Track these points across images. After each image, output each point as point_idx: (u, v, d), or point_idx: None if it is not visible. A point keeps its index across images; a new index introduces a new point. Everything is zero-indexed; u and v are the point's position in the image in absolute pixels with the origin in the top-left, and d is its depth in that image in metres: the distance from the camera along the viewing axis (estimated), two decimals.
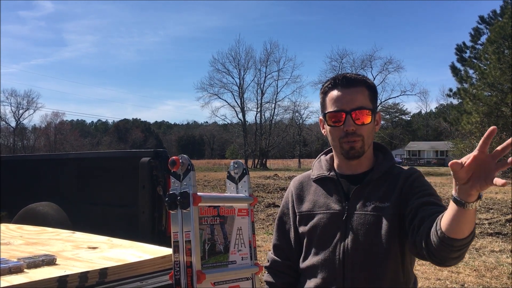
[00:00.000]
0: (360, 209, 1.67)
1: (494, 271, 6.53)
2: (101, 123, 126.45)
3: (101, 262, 2.14)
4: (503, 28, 28.10)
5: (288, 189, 1.91)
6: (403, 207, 1.63)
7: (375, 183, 1.71)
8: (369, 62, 63.88)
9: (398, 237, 1.66)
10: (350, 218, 1.68)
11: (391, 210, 1.65)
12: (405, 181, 1.69)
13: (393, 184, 1.70)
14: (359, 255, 1.64)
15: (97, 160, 4.46)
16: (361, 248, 1.64)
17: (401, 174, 1.73)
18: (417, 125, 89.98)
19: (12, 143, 74.68)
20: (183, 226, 1.54)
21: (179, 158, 1.57)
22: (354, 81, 1.71)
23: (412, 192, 1.65)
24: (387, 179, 1.73)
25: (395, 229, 1.65)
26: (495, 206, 14.02)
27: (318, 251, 1.72)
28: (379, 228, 1.64)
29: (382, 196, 1.68)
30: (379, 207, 1.66)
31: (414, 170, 1.75)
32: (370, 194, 1.69)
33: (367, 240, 1.64)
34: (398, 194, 1.67)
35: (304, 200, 1.81)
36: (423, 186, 1.67)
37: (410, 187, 1.67)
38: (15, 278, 1.84)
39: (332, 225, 1.70)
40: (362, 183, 1.71)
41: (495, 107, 29.15)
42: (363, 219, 1.66)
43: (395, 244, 1.65)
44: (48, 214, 3.95)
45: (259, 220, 11.61)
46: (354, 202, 1.69)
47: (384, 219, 1.64)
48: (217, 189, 21.60)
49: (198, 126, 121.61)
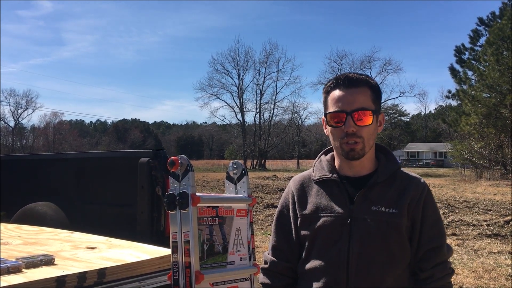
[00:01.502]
0: (366, 213, 1.66)
1: (493, 273, 6.53)
2: (100, 123, 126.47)
3: (99, 262, 2.14)
4: (502, 30, 28.14)
5: (288, 189, 1.88)
6: (410, 224, 1.67)
7: (380, 186, 1.70)
8: (368, 63, 63.84)
9: (404, 244, 1.66)
10: (355, 221, 1.66)
11: (399, 218, 1.64)
12: (416, 196, 1.69)
13: (401, 191, 1.69)
14: (364, 259, 1.62)
15: (96, 160, 4.45)
16: (366, 252, 1.63)
17: (410, 183, 1.72)
18: (416, 126, 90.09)
19: (11, 142, 74.59)
20: (182, 227, 1.53)
21: (178, 159, 1.57)
22: (356, 81, 1.69)
23: (423, 222, 1.68)
24: (392, 183, 1.71)
25: (401, 237, 1.65)
26: (494, 208, 14.04)
27: (321, 254, 1.70)
28: (385, 233, 1.63)
29: (389, 201, 1.67)
30: (386, 212, 1.65)
31: (424, 184, 1.74)
32: (375, 198, 1.68)
33: (373, 245, 1.63)
34: (407, 204, 1.66)
35: (305, 201, 1.78)
36: (434, 215, 1.71)
37: (423, 211, 1.69)
38: (14, 278, 1.84)
39: (337, 228, 1.68)
40: (367, 186, 1.69)
41: (494, 108, 29.17)
42: (369, 224, 1.64)
43: (400, 250, 1.65)
44: (46, 214, 3.94)
45: (258, 221, 11.61)
46: (359, 206, 1.67)
47: (390, 225, 1.63)
48: (216, 189, 21.59)
49: (197, 127, 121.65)
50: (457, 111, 33.88)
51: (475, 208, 14.15)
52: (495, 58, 28.05)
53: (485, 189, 22.43)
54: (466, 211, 13.48)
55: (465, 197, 18.04)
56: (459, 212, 13.12)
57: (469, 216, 12.33)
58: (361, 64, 63.55)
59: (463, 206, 14.71)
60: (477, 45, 34.52)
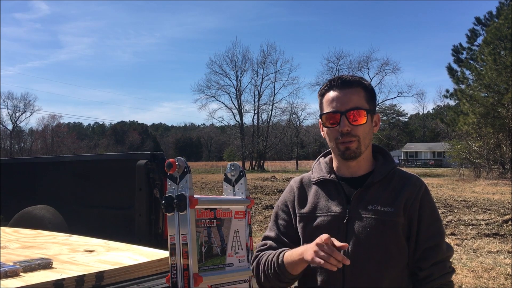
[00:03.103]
0: (362, 212, 1.66)
1: (492, 272, 6.54)
2: (98, 125, 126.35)
3: (97, 265, 2.13)
4: (499, 30, 28.22)
5: (289, 188, 1.88)
6: (407, 223, 1.66)
7: (376, 186, 1.71)
8: (366, 63, 63.80)
9: (401, 243, 1.66)
10: (351, 221, 1.66)
11: (395, 217, 1.64)
12: (412, 194, 1.69)
13: (397, 189, 1.70)
14: (360, 258, 1.63)
15: (94, 163, 4.45)
16: (362, 251, 1.63)
17: (406, 181, 1.72)
18: (414, 126, 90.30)
19: (9, 146, 74.52)
20: (180, 229, 1.53)
21: (176, 161, 1.56)
22: (350, 82, 1.71)
23: (420, 220, 1.67)
24: (389, 182, 1.72)
25: (398, 236, 1.65)
26: (492, 207, 14.07)
27: None
28: (381, 232, 1.63)
29: (385, 200, 1.67)
30: (382, 211, 1.65)
31: (420, 182, 1.74)
32: (372, 197, 1.68)
33: (369, 244, 1.63)
34: (403, 203, 1.67)
35: (305, 202, 1.79)
36: (431, 214, 1.70)
37: (420, 210, 1.68)
38: (11, 282, 1.83)
39: (333, 228, 1.68)
40: (363, 186, 1.70)
41: (491, 108, 29.25)
42: (365, 223, 1.65)
43: (397, 249, 1.65)
44: (44, 217, 3.93)
45: (256, 222, 11.60)
46: (356, 205, 1.68)
47: (387, 224, 1.64)
48: (215, 191, 21.60)
49: (195, 128, 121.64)
50: (455, 111, 33.93)
51: (474, 207, 14.18)
52: (493, 57, 28.12)
53: (484, 188, 22.48)
54: (465, 210, 13.51)
55: (464, 196, 18.08)
56: (458, 212, 13.14)
57: (468, 215, 12.35)
58: (359, 64, 63.64)
59: (462, 205, 14.74)
60: (475, 45, 34.61)
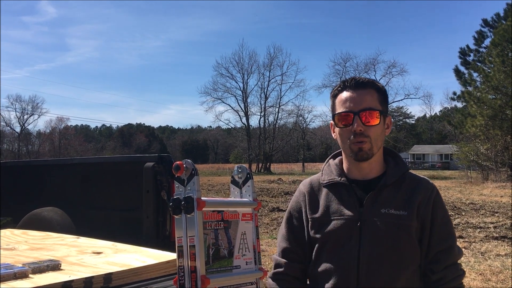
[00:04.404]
0: (375, 215, 1.66)
1: (500, 275, 6.49)
2: (105, 128, 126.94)
3: (105, 267, 2.14)
4: (507, 31, 28.03)
5: (299, 192, 1.87)
6: (420, 226, 1.67)
7: (389, 189, 1.70)
8: (372, 65, 63.54)
9: (414, 246, 1.66)
10: (365, 224, 1.66)
11: (408, 220, 1.65)
12: (425, 197, 1.69)
13: (410, 193, 1.70)
14: (374, 261, 1.63)
15: (101, 165, 4.47)
16: (376, 254, 1.63)
17: (418, 184, 1.73)
18: (421, 129, 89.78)
19: (17, 148, 75.03)
20: (187, 231, 1.53)
21: (183, 163, 1.57)
22: (363, 83, 1.72)
23: (433, 223, 1.68)
24: (401, 185, 1.72)
25: (411, 238, 1.65)
26: (501, 210, 13.96)
27: (332, 257, 1.70)
28: (395, 235, 1.64)
29: (398, 203, 1.67)
30: (396, 214, 1.65)
31: (432, 185, 1.75)
32: (385, 200, 1.68)
33: (383, 247, 1.63)
34: (416, 206, 1.67)
35: (316, 205, 1.78)
36: (443, 217, 1.71)
37: (432, 213, 1.69)
38: (20, 283, 1.84)
39: (347, 231, 1.68)
40: (376, 189, 1.70)
41: (499, 110, 29.03)
42: (379, 226, 1.65)
43: (410, 251, 1.65)
44: (52, 219, 3.96)
45: (263, 225, 11.59)
46: (369, 208, 1.68)
47: (400, 227, 1.64)
48: (222, 193, 21.60)
49: (202, 131, 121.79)
50: (463, 113, 33.76)
51: (482, 210, 14.08)
52: (500, 59, 27.95)
53: (492, 191, 22.31)
54: (473, 213, 13.42)
55: (472, 199, 17.96)
56: (466, 215, 13.05)
57: (476, 218, 12.27)
58: (366, 66, 63.42)
59: (470, 208, 14.64)
60: (482, 47, 34.46)
